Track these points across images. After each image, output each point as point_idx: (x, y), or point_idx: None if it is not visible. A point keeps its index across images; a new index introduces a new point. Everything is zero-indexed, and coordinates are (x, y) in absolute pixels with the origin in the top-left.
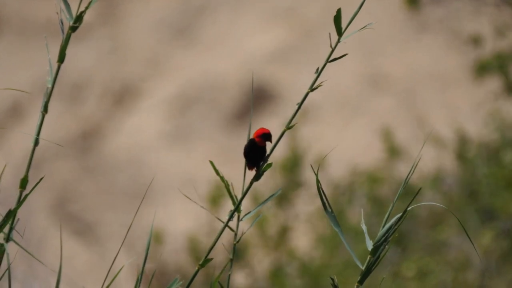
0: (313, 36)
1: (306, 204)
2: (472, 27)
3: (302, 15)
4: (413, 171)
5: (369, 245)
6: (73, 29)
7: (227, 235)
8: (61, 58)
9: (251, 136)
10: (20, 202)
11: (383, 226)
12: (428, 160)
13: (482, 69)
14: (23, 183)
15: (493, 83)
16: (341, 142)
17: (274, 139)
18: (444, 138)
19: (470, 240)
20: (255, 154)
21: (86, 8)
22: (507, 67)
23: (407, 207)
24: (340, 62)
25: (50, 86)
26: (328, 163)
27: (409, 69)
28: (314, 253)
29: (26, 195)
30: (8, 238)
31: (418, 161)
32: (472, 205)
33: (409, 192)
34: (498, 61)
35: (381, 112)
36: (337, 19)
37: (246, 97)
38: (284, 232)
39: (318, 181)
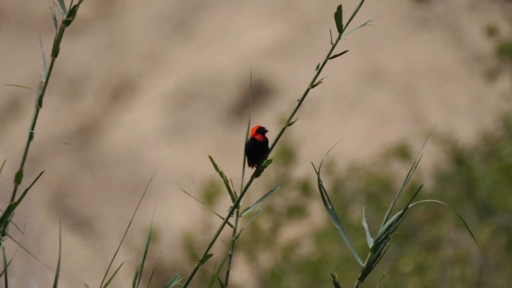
0: (312, 31)
1: (305, 199)
2: (469, 23)
3: (301, 10)
4: (414, 169)
5: (370, 242)
6: (67, 23)
7: (224, 231)
8: (55, 52)
9: (249, 136)
10: (20, 197)
11: (384, 224)
12: (426, 155)
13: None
14: (18, 177)
15: (503, 81)
16: (339, 138)
17: (273, 135)
18: (442, 133)
19: (472, 235)
20: (256, 151)
21: (80, 1)
22: None
23: (408, 204)
24: (338, 57)
25: (44, 80)
26: (326, 158)
27: (407, 64)
28: (313, 248)
29: (26, 190)
30: (3, 233)
31: (419, 160)
32: (470, 200)
33: (408, 187)
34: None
35: (379, 107)
36: (338, 16)
37: (245, 92)
38: (281, 228)
39: (319, 179)
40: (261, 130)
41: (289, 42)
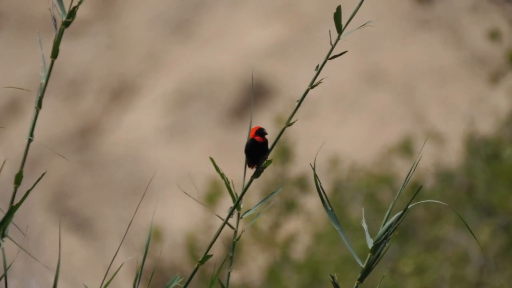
0: (311, 31)
1: (304, 200)
2: (469, 24)
3: (300, 10)
4: (413, 170)
5: (370, 243)
6: (66, 24)
7: (224, 232)
8: (55, 54)
9: (250, 137)
10: (21, 199)
11: (384, 224)
12: (426, 155)
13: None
14: (18, 179)
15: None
16: (338, 138)
17: (273, 135)
18: (442, 134)
19: (474, 236)
20: (256, 151)
21: (79, 3)
22: None
23: (408, 205)
24: (338, 57)
25: (44, 81)
26: (326, 158)
27: (406, 64)
28: (312, 249)
29: (28, 192)
30: (3, 234)
31: (418, 161)
32: (470, 201)
33: (408, 187)
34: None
35: (379, 108)
36: (337, 16)
37: (244, 93)
38: (281, 228)
39: (317, 180)
40: (260, 132)
41: (289, 42)
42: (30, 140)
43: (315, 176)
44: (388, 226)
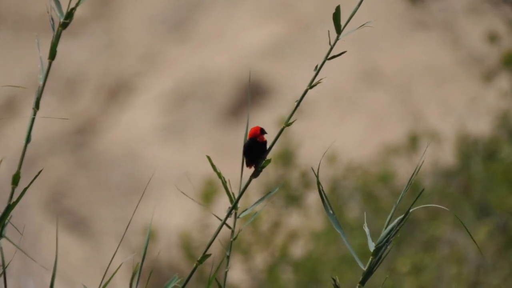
0: (309, 31)
1: (301, 200)
2: (467, 23)
3: (298, 10)
4: (416, 173)
5: (371, 246)
6: (64, 25)
7: (222, 231)
8: (52, 55)
9: (247, 137)
10: (18, 197)
11: (385, 228)
12: (424, 155)
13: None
14: (15, 179)
15: (501, 81)
16: (336, 138)
17: (271, 136)
18: (439, 133)
19: (471, 236)
20: (255, 151)
21: (77, 4)
22: None
23: (409, 209)
24: (335, 57)
25: (41, 83)
26: (324, 157)
27: (404, 64)
28: (309, 248)
29: (25, 189)
30: (0, 234)
31: (421, 165)
32: (468, 200)
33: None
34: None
35: (377, 108)
36: (336, 16)
37: (241, 92)
38: (278, 228)
39: (318, 182)
40: (261, 131)
41: (286, 42)
42: (28, 140)
43: (318, 182)
44: (390, 230)
